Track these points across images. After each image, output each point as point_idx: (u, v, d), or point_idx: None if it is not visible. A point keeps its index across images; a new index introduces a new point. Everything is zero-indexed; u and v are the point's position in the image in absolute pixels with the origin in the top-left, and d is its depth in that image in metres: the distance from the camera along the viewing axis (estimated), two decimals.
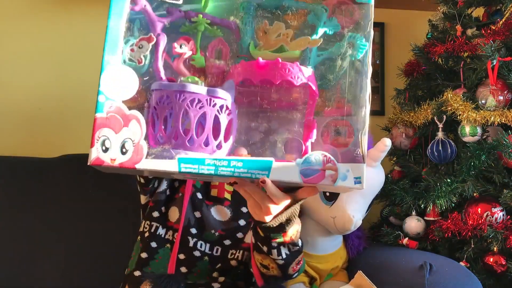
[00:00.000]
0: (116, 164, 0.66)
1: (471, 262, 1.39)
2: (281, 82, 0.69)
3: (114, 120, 0.67)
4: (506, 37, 1.43)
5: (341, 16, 0.78)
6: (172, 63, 0.73)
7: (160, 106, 0.69)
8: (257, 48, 0.74)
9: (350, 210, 1.28)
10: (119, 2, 0.70)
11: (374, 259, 1.41)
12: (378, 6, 2.36)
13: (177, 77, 0.72)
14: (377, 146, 1.26)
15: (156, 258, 1.10)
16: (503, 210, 1.38)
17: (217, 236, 1.12)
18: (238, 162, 0.68)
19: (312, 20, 0.75)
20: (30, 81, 1.93)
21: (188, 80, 0.71)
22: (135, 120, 0.68)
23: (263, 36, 0.74)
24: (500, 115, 1.37)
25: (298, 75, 0.70)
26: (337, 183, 0.68)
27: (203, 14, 0.74)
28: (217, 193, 1.15)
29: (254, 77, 0.70)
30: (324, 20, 0.75)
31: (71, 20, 1.96)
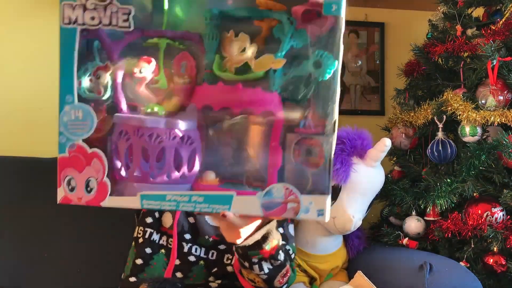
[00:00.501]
0: (82, 202, 0.69)
1: (471, 262, 1.38)
2: (243, 111, 0.68)
3: (77, 159, 0.68)
4: (506, 37, 1.43)
5: (309, 29, 0.70)
6: (135, 88, 0.72)
7: (121, 140, 0.69)
8: (223, 63, 0.70)
9: (350, 210, 1.28)
10: (69, 31, 0.69)
11: (374, 259, 1.41)
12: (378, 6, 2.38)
13: (141, 103, 0.71)
14: (377, 146, 1.26)
15: (151, 264, 1.10)
16: (503, 210, 1.38)
17: (212, 241, 1.11)
18: (199, 197, 0.68)
19: (277, 33, 0.69)
20: (30, 81, 1.93)
21: (148, 111, 0.70)
22: (97, 159, 0.69)
23: (228, 50, 0.69)
24: (500, 115, 1.37)
25: (260, 103, 0.68)
26: (299, 215, 0.67)
27: (163, 32, 0.71)
28: None
29: (215, 104, 0.69)
30: (291, 33, 0.69)
31: None
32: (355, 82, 2.19)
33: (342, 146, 1.27)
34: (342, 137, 1.29)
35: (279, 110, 0.68)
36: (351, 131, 1.31)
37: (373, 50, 2.22)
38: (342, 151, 1.27)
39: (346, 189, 1.28)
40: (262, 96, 0.68)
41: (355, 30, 2.20)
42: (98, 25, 0.69)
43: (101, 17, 0.69)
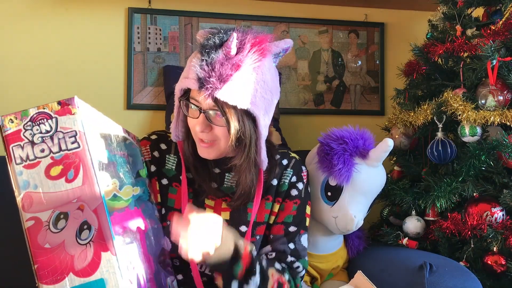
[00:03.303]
0: None
1: (471, 262, 1.39)
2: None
3: None
4: (506, 37, 1.43)
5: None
6: None
7: None
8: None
9: (352, 210, 1.28)
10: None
11: (374, 259, 1.41)
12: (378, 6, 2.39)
13: None
14: (379, 146, 1.25)
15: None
16: (502, 210, 1.38)
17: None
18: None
19: (121, 169, 0.89)
20: (30, 81, 1.93)
21: None
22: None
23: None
24: (500, 115, 1.37)
25: (131, 223, 0.86)
26: None
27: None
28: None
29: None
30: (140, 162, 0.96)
31: (71, 20, 1.96)
32: (355, 82, 2.19)
33: (345, 146, 1.27)
34: (344, 137, 1.29)
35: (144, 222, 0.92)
36: (353, 131, 1.31)
37: (373, 50, 2.22)
38: (345, 151, 1.27)
39: (348, 189, 1.28)
40: (135, 213, 0.89)
41: (355, 30, 2.20)
42: (49, 154, 0.76)
43: (50, 147, 0.76)
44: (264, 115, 0.98)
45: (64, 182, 0.75)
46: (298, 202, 1.13)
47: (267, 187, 1.12)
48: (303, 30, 2.14)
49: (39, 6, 1.93)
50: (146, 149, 1.13)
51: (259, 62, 0.95)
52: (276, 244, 1.10)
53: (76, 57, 1.96)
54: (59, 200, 0.75)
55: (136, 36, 1.99)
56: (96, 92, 1.96)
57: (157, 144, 1.14)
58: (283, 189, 1.12)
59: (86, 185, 0.75)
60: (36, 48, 1.93)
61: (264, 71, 0.96)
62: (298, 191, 1.13)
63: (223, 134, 0.98)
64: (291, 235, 1.10)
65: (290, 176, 1.14)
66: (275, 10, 2.11)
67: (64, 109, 0.77)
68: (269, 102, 0.99)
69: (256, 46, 0.95)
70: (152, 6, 2.01)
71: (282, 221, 1.12)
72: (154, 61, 2.01)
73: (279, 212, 1.12)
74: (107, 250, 0.73)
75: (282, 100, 2.09)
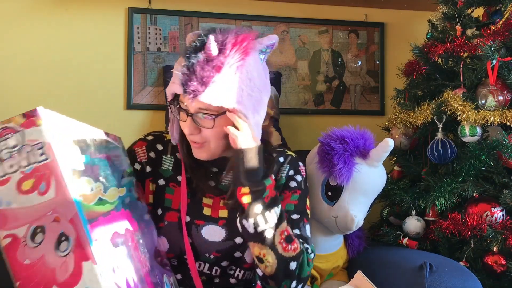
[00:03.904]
0: None
1: (471, 262, 1.39)
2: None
3: None
4: (506, 37, 1.43)
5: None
6: None
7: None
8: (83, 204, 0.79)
9: (352, 210, 1.28)
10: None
11: (374, 259, 1.41)
12: (378, 6, 2.39)
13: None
14: (380, 147, 1.25)
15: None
16: (502, 210, 1.38)
17: (213, 258, 1.07)
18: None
19: (103, 172, 0.88)
20: (30, 81, 1.93)
21: None
22: None
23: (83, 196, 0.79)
24: (500, 115, 1.37)
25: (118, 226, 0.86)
26: None
27: None
28: (211, 213, 1.09)
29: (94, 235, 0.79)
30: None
31: (71, 20, 1.96)
32: (355, 82, 2.19)
33: (345, 146, 1.27)
34: (345, 137, 1.29)
35: (133, 223, 0.93)
36: (353, 131, 1.31)
37: (373, 50, 2.22)
38: (345, 150, 1.27)
39: (349, 189, 1.28)
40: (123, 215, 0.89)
41: (355, 30, 2.20)
42: (19, 169, 0.74)
43: (19, 161, 0.74)
44: (254, 113, 0.97)
45: (37, 196, 0.73)
46: (298, 192, 1.11)
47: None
48: (303, 30, 2.14)
49: (39, 6, 1.93)
50: (142, 150, 1.13)
51: (242, 61, 0.94)
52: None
53: (76, 57, 1.96)
54: (34, 214, 0.73)
55: (136, 36, 1.99)
56: (96, 92, 1.96)
57: (153, 145, 1.14)
58: (280, 183, 1.12)
59: (59, 196, 0.73)
60: (36, 48, 1.93)
61: (249, 69, 0.96)
62: (297, 183, 1.12)
63: (212, 135, 0.99)
64: (295, 222, 1.07)
65: (287, 170, 1.13)
66: (275, 10, 2.11)
67: (29, 121, 0.75)
68: (258, 100, 0.98)
69: (238, 45, 0.95)
70: (152, 6, 2.01)
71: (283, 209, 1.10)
72: (154, 61, 2.01)
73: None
74: (88, 259, 0.72)
75: (282, 100, 2.09)
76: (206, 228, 1.07)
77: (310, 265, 1.02)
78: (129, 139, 1.15)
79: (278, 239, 0.96)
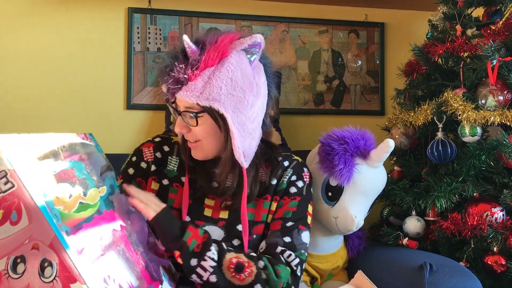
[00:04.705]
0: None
1: (471, 262, 1.39)
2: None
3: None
4: (506, 37, 1.43)
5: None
6: None
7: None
8: (61, 212, 0.76)
9: (352, 210, 1.27)
10: None
11: (374, 259, 1.41)
12: (378, 6, 2.38)
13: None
14: (380, 147, 1.25)
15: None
16: (503, 210, 1.38)
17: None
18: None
19: (80, 174, 0.86)
20: (30, 81, 1.93)
21: None
22: None
23: (58, 201, 0.76)
24: (500, 115, 1.37)
25: (104, 228, 0.85)
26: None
27: None
28: (212, 213, 1.10)
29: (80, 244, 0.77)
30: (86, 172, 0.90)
31: (71, 20, 1.96)
32: (355, 82, 2.19)
33: (346, 146, 1.27)
34: (345, 137, 1.29)
35: (119, 220, 0.91)
36: (354, 132, 1.30)
37: (373, 50, 2.22)
38: (346, 151, 1.26)
39: (349, 189, 1.28)
40: (106, 217, 0.87)
41: (355, 30, 2.20)
42: None
43: None
44: (235, 112, 0.98)
45: (10, 226, 0.71)
46: (297, 198, 1.12)
47: (266, 187, 1.12)
48: (303, 30, 2.14)
49: (39, 6, 1.93)
50: (149, 150, 1.15)
51: (221, 60, 0.97)
52: (270, 238, 1.08)
53: (76, 57, 1.96)
54: (11, 245, 0.71)
55: (136, 36, 1.99)
56: (96, 92, 1.96)
57: (160, 146, 1.16)
58: (281, 187, 1.13)
59: (33, 222, 0.71)
60: (36, 48, 1.93)
61: (231, 69, 0.97)
62: (297, 189, 1.13)
63: (200, 133, 1.02)
64: (288, 229, 1.08)
65: (290, 175, 1.14)
66: (275, 10, 2.11)
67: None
68: (240, 99, 0.98)
69: (215, 44, 0.97)
70: (152, 6, 2.01)
71: (280, 217, 1.11)
72: (154, 61, 2.01)
73: (277, 209, 1.12)
74: (75, 281, 0.71)
75: (282, 100, 2.09)
76: (206, 228, 1.07)
77: (282, 276, 1.01)
78: (129, 139, 1.16)
79: (228, 274, 0.98)
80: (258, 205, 1.12)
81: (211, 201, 1.11)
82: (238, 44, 1.00)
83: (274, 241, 1.07)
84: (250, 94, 1.00)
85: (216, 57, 0.97)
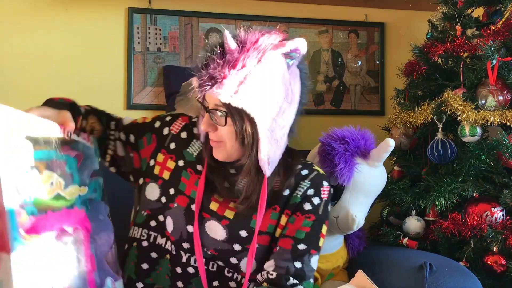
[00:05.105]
0: None
1: (471, 262, 1.39)
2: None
3: None
4: (506, 37, 1.43)
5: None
6: None
7: None
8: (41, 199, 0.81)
9: (353, 210, 1.27)
10: None
11: (374, 259, 1.41)
12: (378, 6, 2.38)
13: None
14: (380, 147, 1.25)
15: (156, 269, 1.07)
16: (503, 210, 1.39)
17: (210, 254, 1.04)
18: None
19: (69, 169, 0.89)
20: (30, 81, 1.93)
21: None
22: None
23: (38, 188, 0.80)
24: (500, 115, 1.37)
25: (68, 223, 0.86)
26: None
27: None
28: (217, 209, 1.05)
29: (38, 228, 0.80)
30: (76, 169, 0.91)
31: (71, 20, 1.96)
32: (355, 82, 2.19)
33: (346, 146, 1.27)
34: (345, 137, 1.28)
35: (88, 224, 0.91)
36: (354, 131, 1.30)
37: (373, 50, 2.22)
38: (346, 151, 1.26)
39: (349, 189, 1.28)
40: (75, 213, 0.89)
41: (355, 30, 2.20)
42: None
43: None
44: (266, 118, 0.94)
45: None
46: (312, 217, 1.04)
47: (276, 196, 1.05)
48: (303, 30, 2.14)
49: (39, 6, 1.93)
50: (180, 124, 1.13)
51: (259, 61, 0.92)
52: (280, 260, 1.02)
53: (76, 57, 1.96)
54: None
55: (136, 36, 1.99)
56: (96, 92, 1.96)
57: (191, 126, 1.12)
58: (295, 201, 1.05)
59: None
60: (36, 48, 1.93)
61: (268, 72, 0.93)
62: (312, 206, 1.05)
63: (226, 135, 0.96)
64: (299, 253, 1.02)
65: (306, 188, 1.06)
66: (275, 10, 2.11)
67: None
68: (273, 105, 0.94)
69: (256, 44, 0.92)
70: (152, 6, 2.01)
71: (291, 235, 1.03)
72: (154, 61, 2.01)
73: (287, 224, 1.05)
74: (3, 250, 0.72)
75: None
76: (210, 222, 1.05)
77: None
78: None
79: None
80: (265, 214, 1.04)
81: (219, 197, 1.07)
82: (280, 47, 0.95)
83: (285, 266, 1.01)
84: (284, 101, 0.96)
85: (255, 58, 0.91)
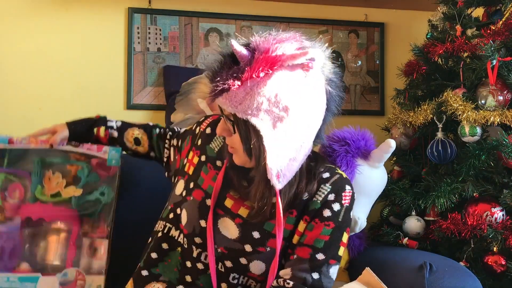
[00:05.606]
0: None
1: (471, 262, 1.39)
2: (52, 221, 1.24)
3: None
4: (506, 37, 1.43)
5: (99, 173, 1.26)
6: None
7: None
8: (43, 191, 1.23)
9: (355, 212, 1.27)
10: None
11: (374, 259, 1.41)
12: (378, 6, 2.38)
13: None
14: (381, 147, 1.25)
15: (165, 260, 1.07)
16: (502, 210, 1.39)
17: (220, 253, 1.02)
18: (14, 277, 1.16)
19: (79, 173, 1.25)
20: (30, 81, 1.93)
21: None
22: None
23: (47, 182, 1.24)
24: (500, 115, 1.37)
25: (64, 217, 1.23)
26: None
27: (2, 169, 1.22)
28: (232, 206, 1.04)
29: (34, 215, 1.23)
30: (87, 174, 1.25)
31: (71, 20, 1.96)
32: (355, 82, 2.19)
33: (347, 148, 1.26)
34: (346, 138, 1.27)
35: (77, 222, 1.23)
36: (354, 132, 1.29)
37: (373, 50, 2.22)
38: (347, 152, 1.25)
39: None
40: (66, 212, 1.23)
41: (355, 30, 2.20)
42: None
43: None
44: (273, 130, 0.90)
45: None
46: (331, 225, 1.00)
47: (294, 200, 1.01)
48: (303, 30, 2.14)
49: (39, 6, 1.93)
50: (207, 121, 1.16)
51: (268, 73, 0.88)
52: (297, 270, 0.98)
53: (76, 57, 1.95)
54: None
55: (136, 36, 1.99)
56: (96, 92, 1.96)
57: (216, 123, 1.10)
58: (314, 207, 1.00)
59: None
60: (36, 48, 1.93)
61: (277, 83, 0.89)
62: (332, 213, 1.00)
63: (236, 143, 0.96)
64: (317, 263, 0.98)
65: (327, 193, 1.01)
66: (275, 10, 2.11)
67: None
68: (282, 117, 0.90)
69: (268, 54, 0.88)
70: (152, 6, 2.01)
71: (310, 244, 1.00)
72: (154, 61, 2.01)
73: (305, 231, 1.01)
74: None
75: None
76: (223, 219, 1.03)
77: None
78: None
79: None
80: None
81: (236, 194, 1.05)
82: (291, 58, 0.89)
83: (302, 277, 0.97)
84: (296, 113, 0.91)
85: (264, 68, 0.87)
